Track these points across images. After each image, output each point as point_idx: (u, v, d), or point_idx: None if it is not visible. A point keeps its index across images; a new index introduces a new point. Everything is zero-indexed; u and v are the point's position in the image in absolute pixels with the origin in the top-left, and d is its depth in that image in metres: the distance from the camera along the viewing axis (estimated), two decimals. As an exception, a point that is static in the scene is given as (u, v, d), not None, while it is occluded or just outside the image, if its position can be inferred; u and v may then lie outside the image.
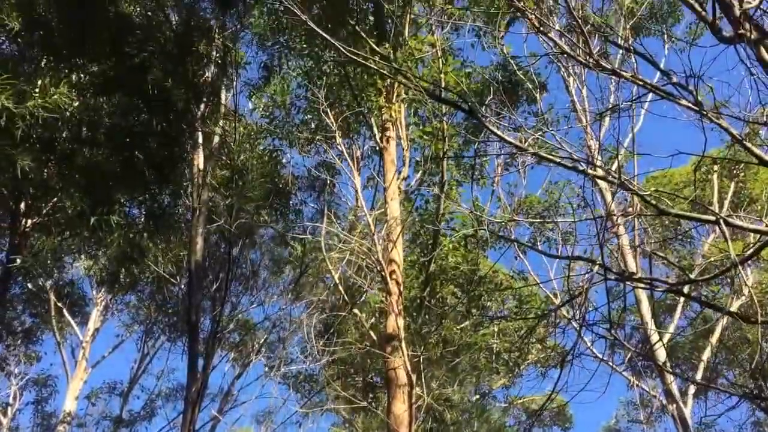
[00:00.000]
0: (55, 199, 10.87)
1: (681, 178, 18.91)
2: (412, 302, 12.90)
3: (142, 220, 11.18)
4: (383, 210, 11.55)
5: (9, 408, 20.63)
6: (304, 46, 14.43)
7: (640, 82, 5.19)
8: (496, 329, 16.09)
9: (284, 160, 15.83)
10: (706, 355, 18.11)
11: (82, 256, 15.51)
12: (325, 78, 13.47)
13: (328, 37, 6.05)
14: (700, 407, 17.16)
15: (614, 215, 6.91)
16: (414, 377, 9.67)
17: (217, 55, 11.87)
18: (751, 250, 5.06)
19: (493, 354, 16.50)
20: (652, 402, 20.00)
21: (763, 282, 17.14)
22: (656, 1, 18.77)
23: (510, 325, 17.17)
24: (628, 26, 16.20)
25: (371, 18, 13.80)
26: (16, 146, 8.07)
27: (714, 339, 17.56)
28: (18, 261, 9.78)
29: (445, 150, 11.57)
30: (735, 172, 18.13)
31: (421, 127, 12.79)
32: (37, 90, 8.55)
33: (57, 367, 22.86)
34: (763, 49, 4.67)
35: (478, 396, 18.08)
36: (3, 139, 7.88)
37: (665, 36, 19.05)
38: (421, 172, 13.63)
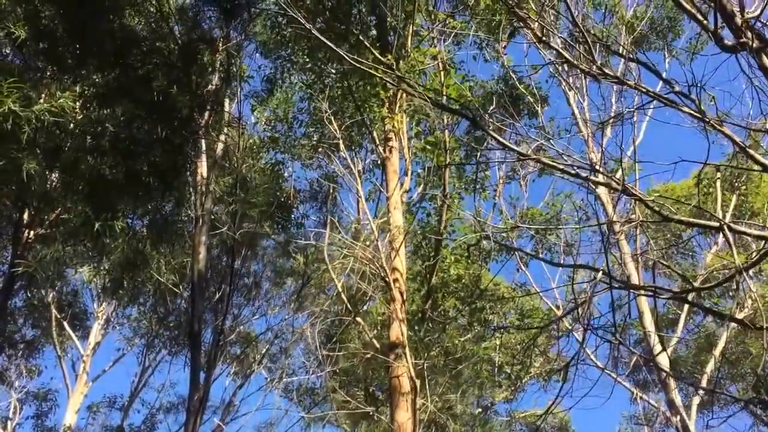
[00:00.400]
0: (59, 209, 10.90)
1: (683, 192, 18.93)
2: (414, 315, 12.87)
3: (145, 229, 11.19)
4: (386, 219, 11.56)
5: (9, 422, 20.49)
6: (307, 60, 14.51)
7: (643, 90, 5.23)
8: (498, 342, 16.06)
9: (286, 174, 15.91)
10: (709, 368, 18.04)
11: (84, 267, 15.50)
12: (327, 90, 13.54)
13: (332, 45, 6.08)
14: (704, 420, 17.08)
15: (617, 222, 6.92)
16: (418, 384, 9.62)
17: (221, 66, 11.94)
18: (756, 257, 5.08)
19: (495, 367, 16.46)
20: (655, 415, 19.90)
21: (765, 295, 17.11)
22: (656, 15, 18.87)
23: (512, 338, 17.14)
24: (629, 39, 16.34)
25: (374, 31, 13.91)
26: (22, 150, 8.10)
27: (717, 351, 17.49)
28: (21, 269, 9.79)
29: (447, 163, 11.60)
30: (737, 184, 18.16)
31: (423, 138, 12.84)
32: (42, 98, 8.61)
33: (57, 381, 22.75)
34: (765, 58, 4.71)
35: (480, 409, 18.00)
36: (9, 143, 7.92)
37: (666, 49, 19.15)
38: (422, 185, 13.66)
